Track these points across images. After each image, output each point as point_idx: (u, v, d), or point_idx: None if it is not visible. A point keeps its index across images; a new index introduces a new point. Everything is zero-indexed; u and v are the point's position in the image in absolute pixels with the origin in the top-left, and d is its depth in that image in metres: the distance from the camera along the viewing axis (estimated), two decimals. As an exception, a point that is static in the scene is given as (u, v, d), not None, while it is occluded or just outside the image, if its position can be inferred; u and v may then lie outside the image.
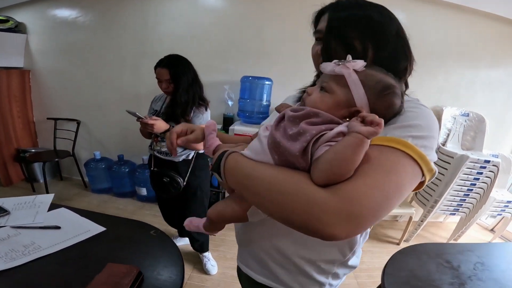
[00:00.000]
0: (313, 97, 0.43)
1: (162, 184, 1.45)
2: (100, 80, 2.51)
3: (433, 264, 0.94)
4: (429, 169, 0.39)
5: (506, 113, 2.36)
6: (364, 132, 0.34)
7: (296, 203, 0.35)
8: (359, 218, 0.33)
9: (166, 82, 1.36)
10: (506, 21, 2.08)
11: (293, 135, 0.39)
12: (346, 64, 0.40)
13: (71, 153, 2.56)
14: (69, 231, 0.83)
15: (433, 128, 0.42)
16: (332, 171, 0.35)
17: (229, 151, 0.48)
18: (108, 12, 2.31)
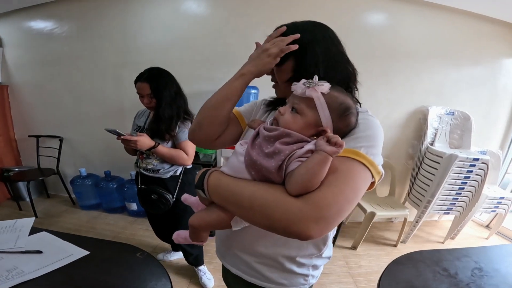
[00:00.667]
0: (286, 118, 0.49)
1: (151, 201, 1.39)
2: (81, 93, 2.41)
3: (430, 273, 0.90)
4: (377, 172, 0.48)
5: (491, 110, 2.38)
6: (329, 151, 0.41)
7: (276, 213, 0.42)
8: (328, 220, 0.41)
9: (147, 97, 1.30)
10: (484, 18, 2.11)
11: (269, 153, 0.45)
12: (315, 87, 0.46)
13: (55, 171, 2.47)
14: (51, 256, 0.82)
15: (379, 136, 0.51)
16: (304, 184, 0.42)
17: (211, 170, 0.53)
18: (86, 22, 2.22)
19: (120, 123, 2.38)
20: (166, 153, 1.32)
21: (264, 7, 2.04)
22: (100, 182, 2.37)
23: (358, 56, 0.61)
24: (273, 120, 0.51)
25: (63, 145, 2.51)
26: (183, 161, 1.35)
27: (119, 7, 2.14)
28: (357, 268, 1.94)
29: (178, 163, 1.38)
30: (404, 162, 2.46)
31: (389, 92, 2.24)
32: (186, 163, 1.39)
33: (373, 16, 2.10)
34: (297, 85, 0.48)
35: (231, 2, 2.05)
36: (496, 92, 2.32)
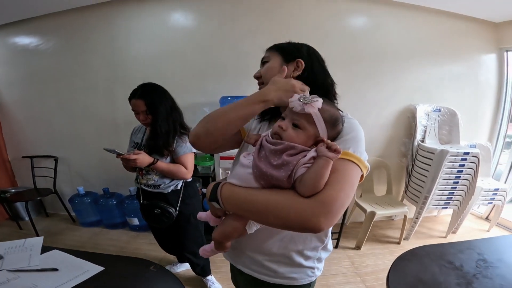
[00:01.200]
0: (289, 133, 0.55)
1: (154, 216, 1.39)
2: (73, 110, 2.36)
3: (436, 266, 0.89)
4: (364, 166, 0.56)
5: (476, 104, 2.44)
6: (331, 156, 0.49)
7: (291, 213, 0.49)
8: (334, 213, 0.48)
9: (143, 114, 1.29)
10: (459, 17, 2.20)
11: (278, 165, 0.51)
12: (311, 104, 0.52)
13: (53, 191, 2.44)
14: (67, 273, 0.83)
15: (360, 135, 0.59)
16: (314, 185, 0.49)
17: (222, 183, 0.59)
18: (72, 37, 2.18)
19: (114, 139, 2.35)
20: (166, 168, 1.32)
21: (250, 17, 2.08)
22: (99, 199, 2.35)
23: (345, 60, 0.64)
24: (274, 135, 0.57)
25: (58, 165, 2.46)
26: (183, 175, 1.35)
27: (105, 21, 2.13)
28: (363, 268, 1.92)
29: (178, 177, 1.38)
30: (398, 160, 2.48)
31: (377, 93, 2.29)
32: (186, 177, 1.38)
33: (356, 20, 2.16)
34: (294, 102, 0.54)
35: (218, 14, 2.08)
36: (479, 87, 2.40)
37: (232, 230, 0.60)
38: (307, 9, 2.06)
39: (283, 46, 0.70)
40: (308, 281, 0.72)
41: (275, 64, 0.67)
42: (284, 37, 0.73)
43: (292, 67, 0.66)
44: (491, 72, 2.38)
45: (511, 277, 0.84)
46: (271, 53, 0.70)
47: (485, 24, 2.26)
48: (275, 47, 0.70)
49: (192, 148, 1.38)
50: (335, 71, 0.73)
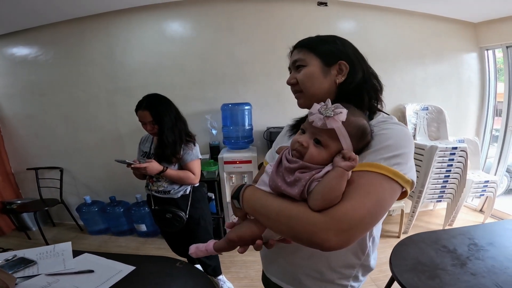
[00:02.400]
0: (311, 152, 0.48)
1: (166, 220, 1.43)
2: (75, 121, 2.34)
3: (432, 250, 0.93)
4: (405, 180, 0.46)
5: (461, 101, 2.52)
6: (344, 166, 0.43)
7: (299, 225, 0.44)
8: (348, 232, 0.42)
9: (150, 124, 1.32)
10: (439, 18, 2.29)
11: (291, 182, 0.48)
12: (334, 117, 0.45)
13: (59, 201, 2.43)
14: (103, 274, 0.84)
15: (403, 145, 0.48)
16: (323, 199, 0.43)
17: (247, 184, 0.57)
18: (71, 47, 2.16)
19: (118, 149, 2.36)
20: (175, 175, 1.36)
21: (245, 25, 2.13)
22: (107, 207, 2.36)
23: None
24: (293, 151, 0.51)
25: (64, 175, 2.46)
26: (191, 180, 1.40)
27: (104, 31, 2.14)
28: None
29: (186, 183, 1.42)
30: (392, 158, 2.53)
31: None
32: (194, 182, 1.43)
33: (344, 25, 2.23)
34: (314, 115, 0.47)
35: (215, 23, 2.13)
36: (462, 85, 2.48)
37: (250, 233, 0.55)
38: (299, 16, 2.13)
39: (320, 45, 0.58)
40: None
41: (315, 69, 0.57)
42: (277, 44, 0.72)
43: (335, 71, 0.57)
44: (473, 70, 2.47)
45: (501, 258, 0.89)
46: (305, 54, 0.58)
47: (465, 25, 2.36)
48: (309, 46, 0.59)
49: (199, 154, 1.44)
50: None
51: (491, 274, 0.81)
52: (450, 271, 0.82)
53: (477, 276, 0.80)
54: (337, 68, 0.57)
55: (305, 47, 0.59)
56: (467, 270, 0.83)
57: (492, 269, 0.83)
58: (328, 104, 0.46)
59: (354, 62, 0.57)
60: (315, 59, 0.57)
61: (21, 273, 0.84)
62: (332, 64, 0.56)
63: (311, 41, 0.59)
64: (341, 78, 0.57)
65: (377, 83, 0.60)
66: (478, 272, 0.82)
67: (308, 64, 0.57)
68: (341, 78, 0.57)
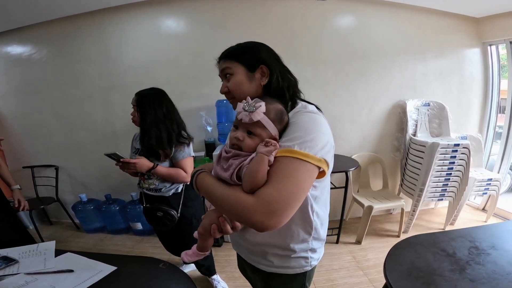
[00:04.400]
0: (247, 143, 0.56)
1: (157, 219, 1.40)
2: (70, 120, 2.31)
3: (430, 254, 0.87)
4: (317, 160, 0.52)
5: (463, 97, 2.43)
6: (263, 151, 0.50)
7: (237, 209, 0.50)
8: (277, 213, 0.47)
9: (134, 109, 1.30)
10: (440, 13, 2.20)
11: (226, 168, 0.56)
12: (257, 111, 0.53)
13: (55, 199, 2.42)
14: (82, 273, 0.84)
15: (312, 130, 0.54)
16: (250, 181, 0.50)
17: (200, 171, 0.64)
18: (66, 46, 2.13)
19: (113, 147, 2.28)
20: (165, 172, 1.32)
21: (241, 20, 2.08)
22: (102, 205, 2.33)
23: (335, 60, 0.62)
24: (233, 146, 0.58)
25: (59, 173, 2.44)
26: (183, 178, 1.36)
27: (98, 29, 2.10)
28: (365, 261, 1.90)
29: (178, 181, 1.38)
30: (392, 155, 2.46)
31: (367, 90, 2.28)
32: (186, 180, 1.38)
33: (343, 20, 2.16)
34: (241, 113, 0.55)
35: (210, 20, 2.08)
36: (464, 81, 2.39)
37: (209, 221, 0.60)
38: (295, 12, 2.07)
39: (241, 54, 0.65)
40: (303, 270, 0.71)
41: (241, 76, 0.63)
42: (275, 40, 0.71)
43: (258, 75, 0.64)
44: (475, 66, 2.38)
45: (503, 263, 0.82)
46: (230, 64, 0.64)
47: (467, 20, 2.27)
48: (232, 56, 0.65)
49: (192, 152, 1.39)
50: (326, 71, 0.73)
51: (491, 280, 0.75)
52: (448, 277, 0.76)
53: (476, 282, 0.74)
54: (260, 72, 0.64)
55: (229, 58, 0.65)
56: (466, 276, 0.77)
57: (493, 275, 0.76)
58: (248, 101, 0.55)
59: (272, 64, 0.64)
60: (239, 67, 0.64)
61: (1, 272, 0.83)
62: (255, 69, 0.63)
63: (234, 51, 0.66)
64: (264, 80, 0.64)
65: (292, 77, 0.68)
66: (477, 278, 0.76)
67: (234, 73, 0.64)
68: (264, 80, 0.64)
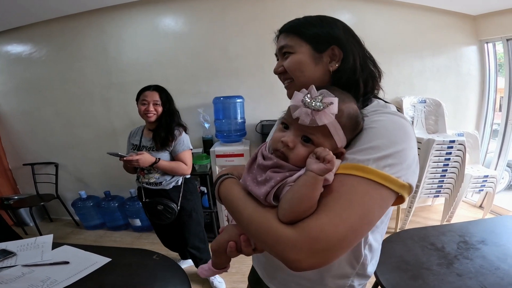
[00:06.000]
0: (299, 153, 0.39)
1: (158, 213, 1.41)
2: (70, 117, 2.32)
3: (418, 247, 0.87)
4: (400, 185, 0.37)
5: (460, 95, 2.40)
6: (316, 170, 0.35)
7: (268, 239, 0.37)
8: (325, 253, 0.34)
9: (153, 105, 1.34)
10: (437, 11, 2.18)
11: (261, 181, 0.41)
12: (325, 111, 0.36)
13: (55, 196, 2.42)
14: (78, 265, 0.85)
15: (396, 140, 0.39)
16: (293, 209, 0.36)
17: (225, 176, 0.50)
18: (64, 44, 2.14)
19: (112, 144, 2.34)
20: (168, 166, 1.36)
21: (238, 19, 2.07)
22: (101, 202, 2.35)
23: None
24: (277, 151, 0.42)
25: (59, 171, 2.45)
26: (184, 171, 1.40)
27: (96, 28, 2.11)
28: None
29: (179, 174, 1.42)
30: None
31: (364, 87, 2.27)
32: (186, 173, 1.42)
33: (339, 17, 2.11)
34: (299, 109, 0.37)
35: (207, 18, 2.07)
36: (462, 78, 2.36)
37: (227, 237, 0.48)
38: (293, 9, 2.05)
39: (308, 29, 0.49)
40: None
41: (304, 56, 0.48)
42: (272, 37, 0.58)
43: (327, 58, 0.48)
44: (472, 64, 2.35)
45: (492, 258, 0.81)
46: (292, 40, 0.50)
47: (464, 17, 2.24)
48: (296, 31, 0.50)
49: (190, 145, 1.43)
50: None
51: (478, 275, 0.74)
52: (435, 271, 0.76)
53: (463, 277, 0.73)
54: (330, 54, 0.48)
55: (292, 32, 0.50)
56: (453, 270, 0.76)
57: (480, 270, 0.76)
58: (312, 92, 0.37)
59: (348, 46, 0.49)
60: (304, 45, 0.48)
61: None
62: (323, 50, 0.48)
63: (298, 24, 0.50)
64: (334, 65, 0.48)
65: (375, 68, 0.53)
66: (464, 272, 0.75)
67: (296, 51, 0.49)
68: (334, 65, 0.48)
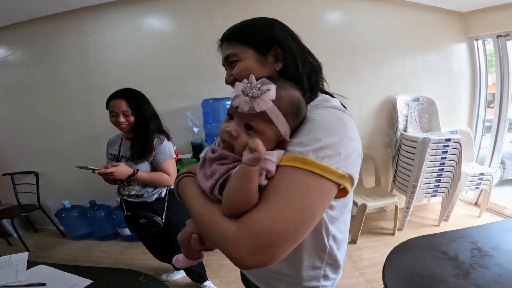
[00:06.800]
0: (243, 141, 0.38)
1: (140, 226, 1.30)
2: (49, 124, 2.17)
3: (430, 258, 0.79)
4: (339, 176, 0.36)
5: (452, 92, 2.39)
6: (246, 161, 0.34)
7: (213, 237, 0.37)
8: (267, 249, 0.33)
9: (123, 115, 1.19)
10: (428, 8, 2.17)
11: (209, 175, 0.41)
12: (262, 97, 0.36)
13: (37, 206, 2.27)
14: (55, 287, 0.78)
15: (335, 132, 0.38)
16: (231, 203, 0.35)
17: (182, 175, 0.49)
18: (42, 47, 2.00)
19: (96, 150, 2.16)
20: (147, 177, 1.23)
21: (228, 18, 1.97)
22: (87, 212, 2.21)
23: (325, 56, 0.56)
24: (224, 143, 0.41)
25: (40, 180, 2.30)
26: (166, 182, 1.26)
27: (75, 29, 1.98)
28: (361, 261, 1.83)
29: (161, 185, 1.29)
30: (384, 151, 2.41)
31: (357, 86, 2.21)
32: (170, 183, 1.28)
33: (332, 16, 2.10)
34: (238, 98, 0.37)
35: (194, 15, 1.98)
36: (453, 75, 2.35)
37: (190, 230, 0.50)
38: (284, 8, 1.99)
39: (249, 33, 0.49)
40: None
41: (250, 62, 0.48)
42: None
43: (271, 58, 0.49)
44: (463, 61, 2.34)
45: (508, 266, 0.74)
46: (236, 48, 0.50)
47: (453, 15, 2.24)
48: (237, 37, 0.50)
49: (173, 153, 1.29)
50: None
51: (497, 285, 0.67)
52: (452, 283, 0.69)
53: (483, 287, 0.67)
54: (273, 55, 0.49)
55: (234, 40, 0.50)
56: (471, 281, 0.69)
57: (499, 279, 0.69)
58: (252, 81, 0.37)
59: (287, 44, 0.49)
60: (248, 50, 0.48)
61: (-32, 285, 0.77)
62: (267, 52, 0.48)
63: (239, 31, 0.50)
64: (279, 64, 0.49)
65: (314, 60, 0.53)
66: (483, 283, 0.68)
67: (242, 58, 0.49)
68: (280, 65, 0.49)
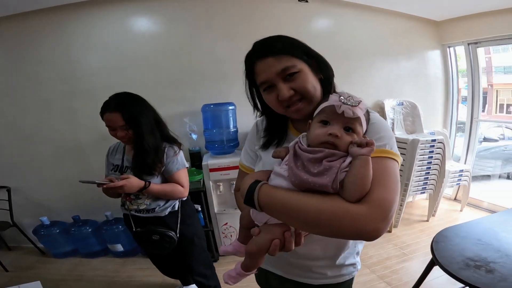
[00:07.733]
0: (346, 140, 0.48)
1: (153, 243, 1.16)
2: (24, 132, 1.93)
3: (471, 244, 0.82)
4: (398, 156, 0.51)
5: (429, 96, 2.60)
6: (366, 153, 0.44)
7: (345, 221, 0.43)
8: (390, 218, 0.44)
9: (121, 130, 1.04)
10: (405, 16, 2.35)
11: (319, 172, 0.46)
12: (359, 106, 0.48)
13: (11, 224, 2.00)
14: None
15: (387, 129, 0.54)
16: (359, 188, 0.44)
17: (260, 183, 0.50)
18: (17, 47, 1.80)
19: (80, 162, 1.97)
20: (161, 190, 1.10)
21: (226, 20, 1.94)
22: (70, 228, 1.96)
23: None
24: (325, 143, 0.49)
25: (12, 195, 1.99)
26: (180, 194, 1.14)
27: (57, 28, 1.80)
28: (368, 259, 1.83)
29: (174, 198, 1.16)
30: (375, 153, 2.51)
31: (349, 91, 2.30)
32: (183, 195, 1.17)
33: (324, 22, 2.18)
34: (343, 106, 0.47)
35: (191, 17, 1.91)
36: (430, 81, 2.57)
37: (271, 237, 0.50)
38: (280, 12, 2.02)
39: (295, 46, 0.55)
40: (352, 276, 0.68)
41: (309, 73, 0.54)
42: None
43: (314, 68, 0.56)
44: (438, 67, 2.57)
45: None
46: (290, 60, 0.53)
47: (428, 23, 2.45)
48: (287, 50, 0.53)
49: (185, 163, 1.17)
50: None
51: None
52: (502, 262, 0.70)
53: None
54: (315, 66, 0.56)
55: (282, 53, 0.53)
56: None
57: None
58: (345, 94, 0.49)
59: (315, 55, 0.57)
60: (300, 62, 0.54)
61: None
62: (311, 62, 0.55)
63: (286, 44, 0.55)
64: (319, 74, 0.56)
65: (331, 71, 0.60)
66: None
67: (300, 70, 0.53)
68: (320, 74, 0.57)
